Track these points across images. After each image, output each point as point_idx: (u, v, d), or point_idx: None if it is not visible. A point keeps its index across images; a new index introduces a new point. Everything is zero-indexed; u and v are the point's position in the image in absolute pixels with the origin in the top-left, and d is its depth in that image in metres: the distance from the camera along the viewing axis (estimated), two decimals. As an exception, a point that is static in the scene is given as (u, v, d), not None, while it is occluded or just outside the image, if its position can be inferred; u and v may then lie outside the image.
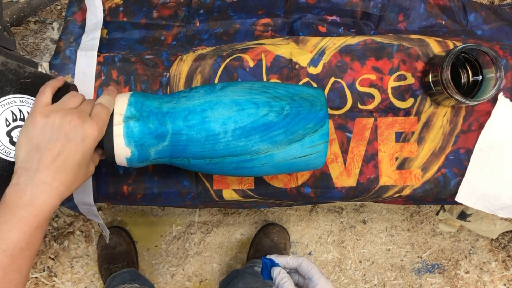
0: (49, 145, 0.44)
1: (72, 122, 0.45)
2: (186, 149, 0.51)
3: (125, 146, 0.49)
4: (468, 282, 1.29)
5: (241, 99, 0.50)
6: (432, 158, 0.67)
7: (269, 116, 0.50)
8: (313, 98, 0.52)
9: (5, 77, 0.48)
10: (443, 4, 0.73)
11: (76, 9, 0.70)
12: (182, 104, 0.51)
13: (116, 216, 1.25)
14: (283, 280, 0.52)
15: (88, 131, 0.46)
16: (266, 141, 0.50)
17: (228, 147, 0.50)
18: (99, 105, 0.48)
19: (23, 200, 0.43)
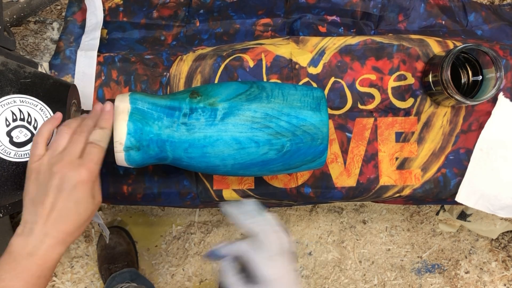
0: (44, 199, 0.45)
1: (61, 171, 0.45)
2: (187, 168, 0.54)
3: (127, 164, 0.51)
4: (468, 282, 1.29)
5: (242, 136, 0.50)
6: (432, 158, 0.67)
7: (269, 154, 0.51)
8: (316, 131, 0.51)
9: (5, 77, 0.48)
10: (443, 4, 0.73)
11: (76, 9, 0.70)
12: (182, 134, 0.50)
13: (116, 216, 1.25)
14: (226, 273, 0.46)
15: (78, 178, 0.45)
16: (263, 171, 0.54)
17: (227, 173, 0.54)
18: (91, 145, 0.47)
19: (26, 250, 0.44)
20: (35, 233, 0.44)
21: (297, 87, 0.54)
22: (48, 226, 0.45)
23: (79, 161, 0.46)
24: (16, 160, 0.48)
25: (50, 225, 0.45)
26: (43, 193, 0.45)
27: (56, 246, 0.45)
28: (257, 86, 0.53)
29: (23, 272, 0.43)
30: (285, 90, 0.53)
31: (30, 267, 0.44)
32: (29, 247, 0.44)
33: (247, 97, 0.51)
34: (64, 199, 0.45)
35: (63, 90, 0.52)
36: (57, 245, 0.45)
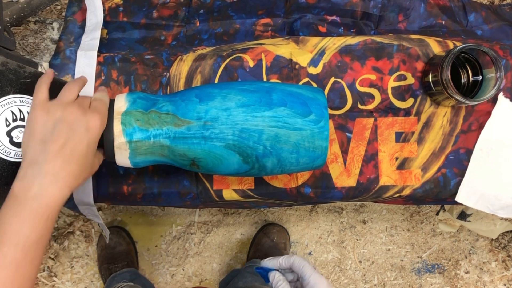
0: (54, 136, 0.44)
1: (74, 113, 0.45)
2: None
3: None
4: (468, 282, 1.29)
5: None
6: (432, 158, 0.67)
7: None
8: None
9: (5, 77, 0.48)
10: (443, 4, 0.73)
11: (76, 9, 0.70)
12: None
13: (116, 216, 1.25)
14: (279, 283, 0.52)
15: (90, 122, 0.45)
16: None
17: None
18: (97, 100, 0.49)
19: (32, 192, 0.42)
20: (43, 173, 0.43)
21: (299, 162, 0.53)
22: (57, 164, 0.43)
23: (90, 109, 0.46)
24: (16, 160, 0.48)
25: (59, 163, 0.43)
26: (54, 130, 0.44)
27: (63, 187, 0.44)
28: (258, 168, 0.52)
29: (30, 215, 0.41)
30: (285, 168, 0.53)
31: (37, 209, 0.42)
32: (35, 189, 0.42)
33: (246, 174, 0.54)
34: (77, 138, 0.44)
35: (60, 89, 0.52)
36: (63, 186, 0.44)
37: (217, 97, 0.50)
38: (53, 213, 0.43)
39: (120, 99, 0.51)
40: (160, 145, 0.50)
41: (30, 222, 0.41)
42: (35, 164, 0.43)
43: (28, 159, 0.44)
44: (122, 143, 0.49)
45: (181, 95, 0.52)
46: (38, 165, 0.43)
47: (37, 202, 0.42)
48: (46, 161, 0.43)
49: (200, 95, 0.51)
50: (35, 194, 0.42)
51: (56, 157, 0.43)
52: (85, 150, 0.45)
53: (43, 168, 0.43)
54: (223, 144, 0.50)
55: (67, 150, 0.44)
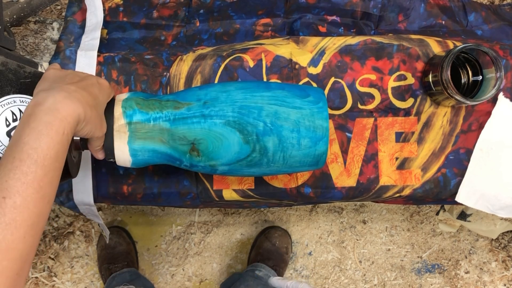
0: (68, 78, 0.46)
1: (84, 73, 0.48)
2: None
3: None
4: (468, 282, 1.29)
5: None
6: (432, 158, 0.67)
7: None
8: None
9: (5, 77, 0.48)
10: (443, 4, 0.73)
11: (76, 9, 0.70)
12: None
13: (116, 216, 1.25)
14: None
15: (100, 80, 0.49)
16: None
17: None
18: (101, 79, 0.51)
19: (46, 105, 0.40)
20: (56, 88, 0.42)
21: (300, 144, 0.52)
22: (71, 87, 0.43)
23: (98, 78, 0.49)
24: (16, 160, 0.48)
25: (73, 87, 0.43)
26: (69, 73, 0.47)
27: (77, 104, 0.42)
28: (259, 150, 0.51)
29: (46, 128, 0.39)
30: (287, 152, 0.52)
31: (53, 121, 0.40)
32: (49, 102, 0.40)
33: (247, 163, 0.52)
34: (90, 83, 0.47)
35: None
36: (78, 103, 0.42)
37: (217, 85, 0.53)
38: (68, 129, 0.41)
39: (121, 94, 0.53)
40: (160, 128, 0.50)
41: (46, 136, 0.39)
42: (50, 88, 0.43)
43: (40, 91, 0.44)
44: (122, 125, 0.49)
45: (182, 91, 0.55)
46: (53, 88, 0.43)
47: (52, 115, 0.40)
48: (60, 86, 0.43)
49: (200, 86, 0.54)
50: (49, 107, 0.40)
51: (70, 84, 0.44)
52: (97, 93, 0.47)
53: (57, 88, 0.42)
54: (223, 121, 0.50)
55: (81, 85, 0.45)
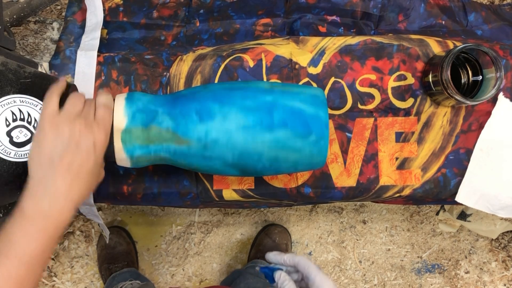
0: (62, 156, 0.45)
1: (81, 131, 0.46)
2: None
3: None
4: (468, 282, 1.29)
5: None
6: (432, 158, 0.67)
7: None
8: None
9: (5, 77, 0.48)
10: (443, 4, 0.73)
11: (76, 9, 0.70)
12: None
13: (116, 216, 1.25)
14: (285, 283, 0.52)
15: (97, 138, 0.47)
16: None
17: None
18: (102, 108, 0.49)
19: (42, 211, 0.43)
20: (52, 192, 0.44)
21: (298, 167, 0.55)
22: (66, 184, 0.44)
23: (96, 123, 0.47)
24: (16, 160, 0.48)
25: (68, 183, 0.45)
26: (62, 150, 0.45)
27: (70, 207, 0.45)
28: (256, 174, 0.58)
29: (39, 234, 0.43)
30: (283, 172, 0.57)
31: (46, 227, 0.43)
32: (45, 209, 0.43)
33: None
34: (84, 157, 0.45)
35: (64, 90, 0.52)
36: (71, 206, 0.45)
37: (217, 116, 0.50)
38: (59, 231, 0.45)
39: (118, 112, 0.50)
40: (160, 157, 0.52)
41: (37, 240, 0.43)
42: (45, 183, 0.44)
43: (37, 177, 0.45)
44: (123, 158, 0.51)
45: (181, 107, 0.51)
46: (47, 184, 0.44)
47: (46, 222, 0.43)
48: (55, 181, 0.44)
49: (201, 113, 0.50)
50: (44, 214, 0.43)
51: (64, 177, 0.45)
52: (92, 167, 0.47)
53: (52, 188, 0.44)
54: (222, 163, 0.51)
55: (74, 170, 0.45)
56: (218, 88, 0.53)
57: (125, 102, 0.51)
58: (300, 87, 0.55)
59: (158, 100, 0.52)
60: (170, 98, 0.53)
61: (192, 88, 0.55)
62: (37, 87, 0.50)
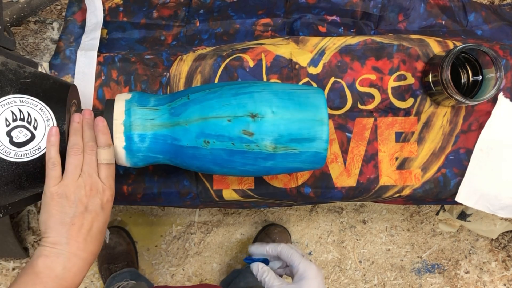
0: (73, 220, 0.46)
1: (87, 194, 0.47)
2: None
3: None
4: (468, 282, 1.29)
5: None
6: (432, 158, 0.67)
7: None
8: None
9: (5, 77, 0.48)
10: (443, 4, 0.73)
11: (76, 9, 0.70)
12: None
13: (116, 216, 1.25)
14: (264, 275, 0.53)
15: (104, 199, 0.48)
16: None
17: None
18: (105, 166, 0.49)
19: (55, 273, 0.44)
20: (66, 254, 0.45)
21: None
22: (79, 246, 0.46)
23: (101, 183, 0.48)
24: (16, 160, 0.48)
25: (81, 245, 0.46)
26: (73, 215, 0.46)
27: (84, 268, 0.46)
28: None
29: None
30: None
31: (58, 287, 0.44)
32: (58, 270, 0.44)
33: None
34: (95, 220, 0.47)
35: (63, 90, 0.52)
36: (84, 266, 0.47)
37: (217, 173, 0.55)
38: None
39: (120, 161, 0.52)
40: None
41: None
42: (57, 245, 0.46)
43: (50, 240, 0.46)
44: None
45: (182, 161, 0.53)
46: (60, 246, 0.45)
47: (58, 284, 0.44)
48: (68, 244, 0.46)
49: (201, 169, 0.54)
50: (58, 275, 0.44)
51: (77, 240, 0.46)
52: (102, 225, 0.48)
53: (65, 250, 0.45)
54: None
55: (86, 230, 0.47)
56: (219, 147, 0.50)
57: (125, 153, 0.52)
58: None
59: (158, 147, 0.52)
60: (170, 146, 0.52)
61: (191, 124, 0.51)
62: (37, 87, 0.50)
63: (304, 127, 0.50)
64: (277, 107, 0.50)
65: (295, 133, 0.50)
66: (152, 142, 0.51)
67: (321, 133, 0.50)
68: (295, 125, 0.49)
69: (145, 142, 0.51)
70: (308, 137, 0.50)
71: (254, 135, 0.49)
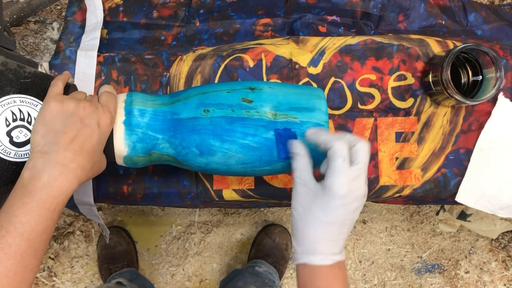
0: (66, 128, 0.45)
1: (86, 108, 0.46)
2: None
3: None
4: (468, 282, 1.29)
5: None
6: (432, 158, 0.67)
7: None
8: None
9: (5, 77, 0.48)
10: (443, 4, 0.73)
11: (76, 9, 0.70)
12: None
13: (116, 216, 1.25)
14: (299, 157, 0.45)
15: (102, 117, 0.47)
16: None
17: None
18: (105, 93, 0.50)
19: (41, 182, 0.42)
20: (53, 163, 0.43)
21: None
22: (67, 156, 0.44)
23: (100, 105, 0.48)
24: (16, 160, 0.49)
25: (70, 155, 0.44)
26: (66, 124, 0.45)
27: (71, 178, 0.44)
28: None
29: (38, 206, 0.42)
30: None
31: (45, 199, 0.42)
32: (44, 179, 0.42)
33: None
34: (88, 132, 0.45)
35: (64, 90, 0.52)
36: (73, 177, 0.44)
37: (218, 153, 0.50)
38: (60, 205, 0.43)
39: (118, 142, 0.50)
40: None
41: (37, 213, 0.42)
42: (46, 154, 0.44)
43: (38, 149, 0.45)
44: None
45: (181, 138, 0.50)
46: (48, 155, 0.44)
47: (45, 193, 0.42)
48: (57, 152, 0.44)
49: (201, 147, 0.50)
50: (44, 184, 0.42)
51: (66, 149, 0.44)
52: (95, 144, 0.46)
53: (52, 159, 0.43)
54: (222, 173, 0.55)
55: (78, 143, 0.45)
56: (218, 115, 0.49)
57: (124, 129, 0.50)
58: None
59: (157, 123, 0.51)
60: (170, 122, 0.51)
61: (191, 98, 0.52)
62: (37, 87, 0.50)
63: (303, 98, 0.51)
64: (274, 85, 0.52)
65: (294, 102, 0.50)
66: (152, 117, 0.51)
67: (320, 105, 0.50)
68: (293, 96, 0.51)
69: (144, 117, 0.50)
70: (307, 107, 0.50)
71: (253, 102, 0.49)
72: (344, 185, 0.41)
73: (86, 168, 0.46)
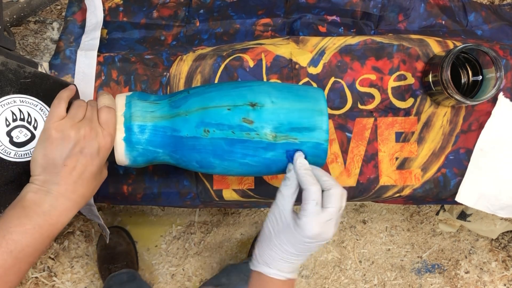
0: (66, 161, 0.45)
1: (86, 137, 0.46)
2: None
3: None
4: (468, 282, 1.29)
5: None
6: (432, 158, 0.67)
7: None
8: None
9: (5, 77, 0.48)
10: (443, 4, 0.73)
11: (76, 9, 0.70)
12: None
13: (116, 216, 1.25)
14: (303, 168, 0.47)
15: (101, 143, 0.47)
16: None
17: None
18: (105, 109, 0.49)
19: (42, 209, 0.44)
20: (54, 193, 0.45)
21: None
22: (68, 188, 0.45)
23: (101, 128, 0.48)
24: (16, 160, 0.49)
25: (71, 188, 0.45)
26: (67, 155, 0.45)
27: (71, 208, 0.46)
28: None
29: (34, 229, 0.43)
30: None
31: (42, 225, 0.44)
32: (45, 206, 0.44)
33: None
34: (88, 162, 0.46)
35: None
36: (72, 207, 0.46)
37: (218, 168, 0.52)
38: (55, 232, 0.45)
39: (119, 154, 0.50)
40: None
41: (31, 236, 0.43)
42: (47, 185, 0.45)
43: (39, 178, 0.46)
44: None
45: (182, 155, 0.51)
46: (49, 186, 0.45)
47: (44, 220, 0.44)
48: (58, 184, 0.45)
49: (202, 163, 0.51)
50: (44, 212, 0.44)
51: (67, 182, 0.45)
52: (96, 170, 0.48)
53: (54, 191, 0.45)
54: None
55: (77, 175, 0.46)
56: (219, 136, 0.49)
57: (125, 145, 0.50)
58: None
59: (157, 139, 0.51)
60: (170, 138, 0.51)
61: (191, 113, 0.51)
62: (37, 87, 0.50)
63: (304, 116, 0.50)
64: (276, 98, 0.50)
65: (295, 122, 0.49)
66: (152, 133, 0.50)
67: (321, 123, 0.50)
68: (294, 114, 0.49)
69: (144, 133, 0.50)
70: (308, 126, 0.49)
71: (254, 123, 0.48)
72: (315, 228, 0.44)
73: (86, 195, 0.48)
